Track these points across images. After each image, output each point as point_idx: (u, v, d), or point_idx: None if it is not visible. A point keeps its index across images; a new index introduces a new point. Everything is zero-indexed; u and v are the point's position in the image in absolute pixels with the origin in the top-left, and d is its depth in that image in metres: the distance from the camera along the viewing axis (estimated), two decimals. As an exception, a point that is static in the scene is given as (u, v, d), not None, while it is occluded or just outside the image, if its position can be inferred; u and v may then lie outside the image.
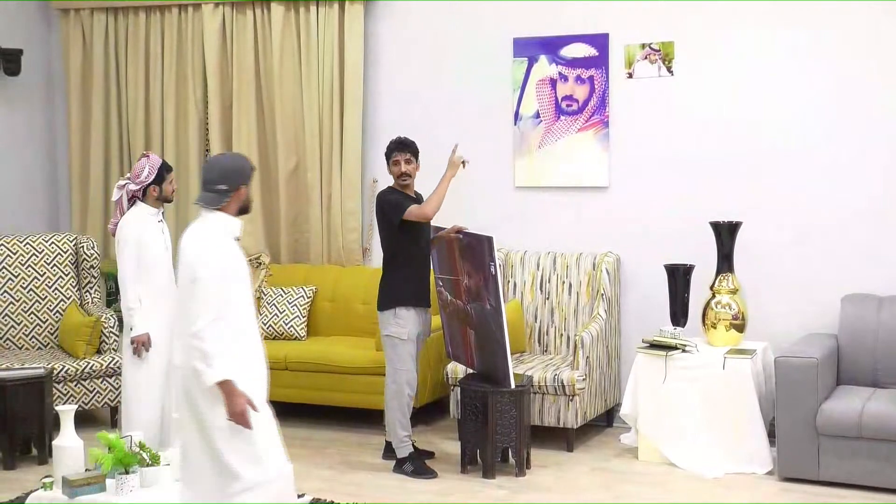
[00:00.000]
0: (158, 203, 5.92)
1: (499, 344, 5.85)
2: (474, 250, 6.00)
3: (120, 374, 6.40)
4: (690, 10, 6.79)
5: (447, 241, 6.24)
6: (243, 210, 4.38)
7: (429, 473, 6.04)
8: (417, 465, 6.08)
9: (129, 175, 5.96)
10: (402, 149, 6.17)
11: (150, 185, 5.85)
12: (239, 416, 4.09)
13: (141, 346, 5.77)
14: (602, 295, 6.79)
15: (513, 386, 5.92)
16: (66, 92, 8.42)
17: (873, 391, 5.96)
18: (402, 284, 6.06)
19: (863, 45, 6.42)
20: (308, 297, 7.49)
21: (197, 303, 4.11)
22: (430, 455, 6.33)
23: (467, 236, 6.09)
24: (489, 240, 5.86)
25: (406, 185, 6.16)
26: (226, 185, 4.28)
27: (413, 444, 6.18)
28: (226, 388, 4.08)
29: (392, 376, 6.11)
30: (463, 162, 6.12)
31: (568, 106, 7.11)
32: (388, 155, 6.22)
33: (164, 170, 5.89)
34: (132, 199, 5.90)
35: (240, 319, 4.23)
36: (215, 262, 4.18)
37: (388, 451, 6.26)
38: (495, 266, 5.82)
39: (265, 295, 7.62)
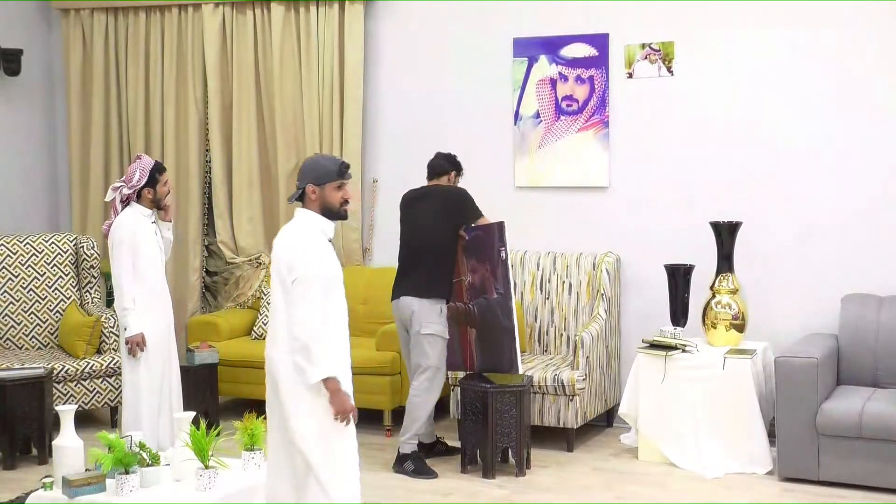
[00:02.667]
0: (153, 204, 5.93)
1: (506, 330, 5.89)
2: (482, 241, 6.03)
3: (120, 374, 6.41)
4: (690, 10, 6.79)
5: None
6: (327, 211, 4.35)
7: (429, 473, 6.05)
8: (419, 464, 6.08)
9: (123, 178, 5.96)
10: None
11: (143, 188, 5.86)
12: (346, 414, 4.21)
13: (136, 346, 5.78)
14: (602, 295, 6.79)
15: (520, 371, 5.96)
16: (66, 92, 8.41)
17: (873, 391, 5.96)
18: (449, 281, 6.12)
19: (863, 46, 6.42)
20: (308, 297, 7.48)
21: (297, 301, 4.15)
22: (450, 449, 6.39)
23: (473, 231, 6.12)
24: (500, 224, 5.92)
25: None
26: (299, 182, 4.37)
27: (439, 440, 6.34)
28: (331, 385, 4.17)
29: (434, 377, 6.11)
30: None
31: (568, 106, 7.11)
32: (460, 170, 6.36)
33: (157, 171, 5.88)
34: (126, 201, 5.90)
35: (335, 322, 4.27)
36: (313, 259, 4.23)
37: (422, 448, 6.29)
38: (506, 251, 5.86)
39: (265, 295, 7.62)
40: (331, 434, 4.29)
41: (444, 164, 6.31)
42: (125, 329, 5.81)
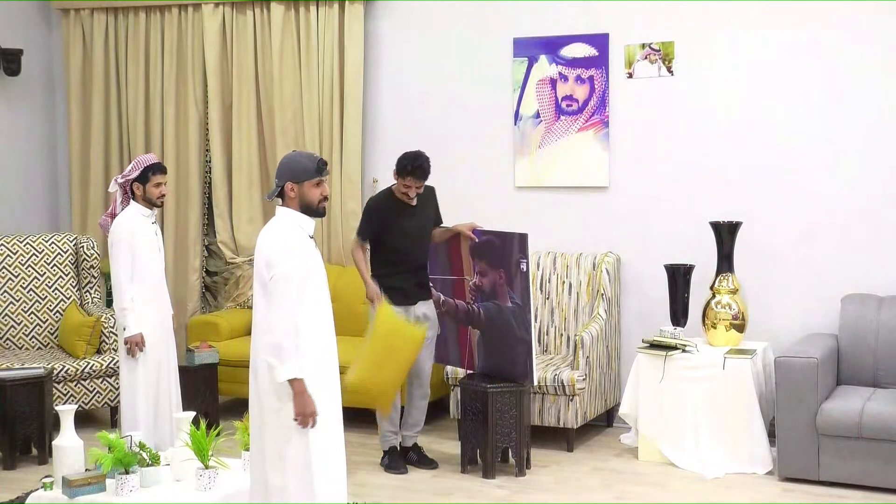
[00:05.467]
0: (145, 202, 5.91)
1: (522, 341, 5.91)
2: (495, 248, 6.01)
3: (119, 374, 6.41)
4: (690, 10, 6.79)
5: (451, 241, 6.23)
6: (307, 209, 4.33)
7: (400, 469, 6.09)
8: (391, 460, 6.14)
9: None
10: (420, 177, 6.00)
11: (133, 181, 5.84)
12: (306, 417, 4.17)
13: (135, 346, 5.78)
14: (602, 295, 6.79)
15: (535, 382, 6.02)
16: (66, 92, 8.42)
17: (873, 391, 5.96)
18: (381, 284, 6.07)
19: (863, 45, 6.42)
20: (308, 297, 7.48)
21: (275, 299, 4.16)
22: (433, 464, 6.27)
23: (485, 235, 6.10)
24: (522, 237, 5.90)
25: (408, 200, 6.09)
26: (277, 179, 4.35)
27: (416, 448, 6.28)
28: (297, 386, 4.16)
29: None
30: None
31: (568, 106, 7.11)
32: (402, 172, 6.00)
33: (151, 171, 5.85)
34: (126, 197, 5.90)
35: (314, 318, 4.26)
36: (290, 256, 4.21)
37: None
38: (527, 263, 5.85)
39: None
40: (311, 431, 4.27)
41: None
42: (124, 329, 5.81)
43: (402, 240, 6.09)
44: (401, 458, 6.18)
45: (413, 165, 5.97)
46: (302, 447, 4.24)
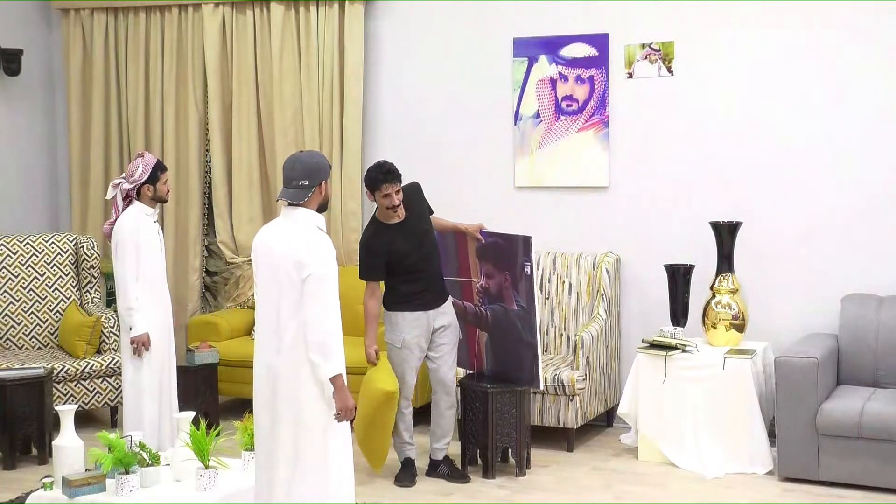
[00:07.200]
0: (153, 203, 5.93)
1: (528, 345, 5.89)
2: (501, 250, 5.99)
3: (120, 374, 6.41)
4: (690, 10, 6.79)
5: (459, 242, 6.21)
6: (323, 206, 4.47)
7: (405, 483, 5.94)
8: (401, 472, 6.00)
9: (123, 174, 5.97)
10: (392, 179, 5.70)
11: (143, 184, 5.86)
12: (348, 411, 4.26)
13: (141, 345, 5.78)
14: (602, 295, 6.79)
15: (541, 387, 6.01)
16: (66, 92, 8.41)
17: (873, 391, 5.96)
18: (394, 290, 5.95)
19: (863, 45, 6.42)
20: (308, 297, 7.48)
21: (312, 299, 4.21)
22: (466, 478, 6.07)
23: (491, 237, 6.07)
24: (526, 240, 5.86)
25: (395, 215, 5.82)
26: (307, 181, 4.38)
27: (448, 461, 6.09)
28: (339, 382, 4.24)
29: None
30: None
31: (568, 106, 7.11)
32: (373, 186, 5.72)
33: (159, 169, 5.90)
34: (128, 199, 5.91)
35: (337, 314, 4.34)
36: (325, 255, 4.30)
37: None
38: (531, 266, 5.82)
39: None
40: (328, 432, 4.29)
41: None
42: (130, 329, 5.81)
43: (409, 260, 5.86)
44: (410, 471, 5.99)
45: (382, 172, 5.69)
46: (320, 448, 4.28)
